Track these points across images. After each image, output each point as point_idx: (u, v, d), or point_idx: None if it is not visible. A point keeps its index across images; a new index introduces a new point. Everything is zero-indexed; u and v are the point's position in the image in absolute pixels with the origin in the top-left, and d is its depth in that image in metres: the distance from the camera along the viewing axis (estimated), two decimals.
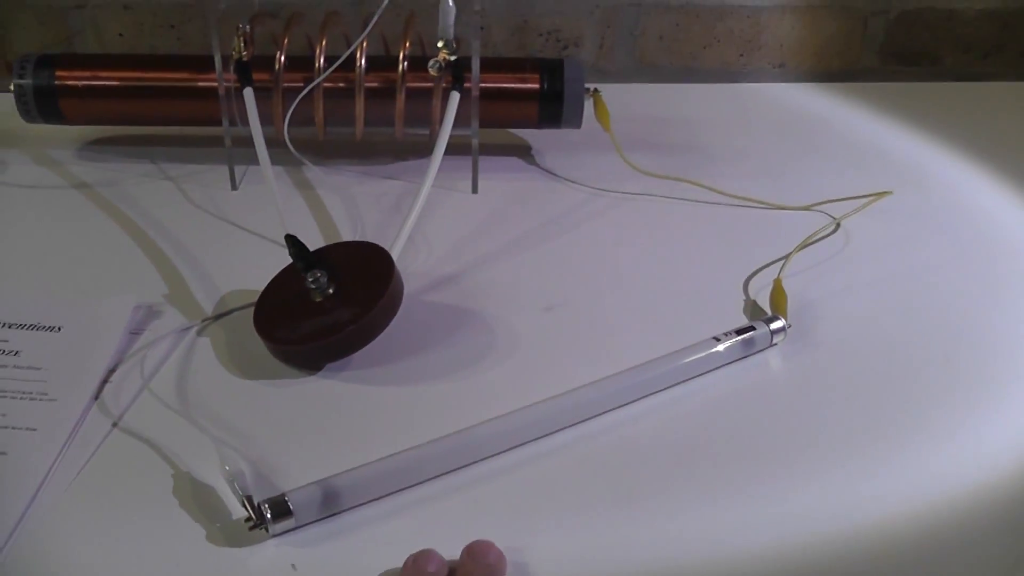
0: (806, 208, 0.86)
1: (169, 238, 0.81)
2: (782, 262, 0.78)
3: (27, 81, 0.88)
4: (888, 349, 0.71)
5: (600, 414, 0.64)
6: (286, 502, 0.55)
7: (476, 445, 0.60)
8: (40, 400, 0.63)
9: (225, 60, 0.84)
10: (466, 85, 0.84)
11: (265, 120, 0.85)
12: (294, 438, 0.62)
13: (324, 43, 0.85)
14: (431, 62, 0.83)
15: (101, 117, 0.92)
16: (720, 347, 0.67)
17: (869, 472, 0.61)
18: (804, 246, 0.81)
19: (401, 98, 0.86)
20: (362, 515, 0.57)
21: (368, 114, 0.87)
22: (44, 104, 0.89)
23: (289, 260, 0.70)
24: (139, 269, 0.77)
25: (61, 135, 0.95)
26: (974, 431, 0.64)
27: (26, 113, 0.89)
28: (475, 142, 0.86)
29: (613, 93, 0.92)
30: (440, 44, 0.82)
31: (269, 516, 0.54)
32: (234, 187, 0.88)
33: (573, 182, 0.91)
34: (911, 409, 0.66)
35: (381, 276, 0.68)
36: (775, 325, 0.70)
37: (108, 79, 0.89)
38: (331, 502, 0.56)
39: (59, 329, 0.69)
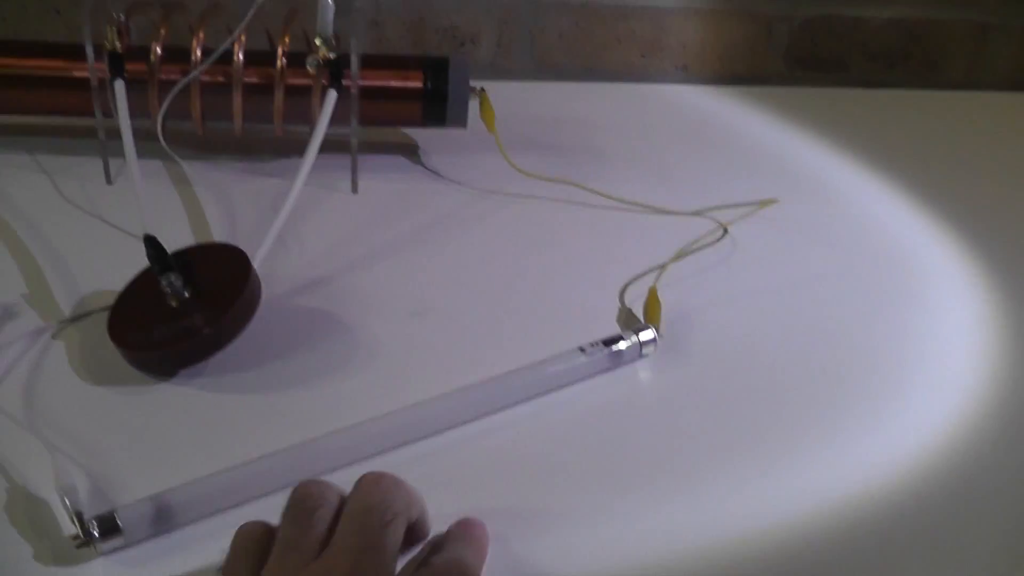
0: (694, 214, 0.86)
1: (36, 234, 0.78)
2: (660, 270, 0.77)
3: None
4: (764, 362, 0.70)
5: (453, 427, 0.62)
6: (115, 518, 0.53)
7: (317, 458, 0.58)
8: None
9: (100, 50, 0.82)
10: (345, 83, 0.82)
11: (144, 113, 0.83)
12: (139, 449, 0.60)
13: (202, 35, 0.83)
14: (308, 59, 0.81)
15: None
16: (584, 358, 0.66)
17: (735, 489, 0.60)
18: (685, 254, 0.80)
19: (279, 95, 0.84)
20: (199, 531, 0.55)
21: (248, 110, 0.85)
22: None
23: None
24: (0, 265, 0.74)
25: None
26: (847, 448, 0.63)
27: None
28: (353, 141, 0.84)
29: (511, 92, 0.91)
30: (318, 41, 0.80)
31: (96, 533, 0.52)
32: (109, 181, 0.86)
33: (458, 183, 0.89)
34: (782, 425, 0.65)
35: (237, 279, 0.66)
36: (644, 336, 0.68)
37: None
38: (164, 518, 0.54)
39: None
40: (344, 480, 0.52)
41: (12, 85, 0.87)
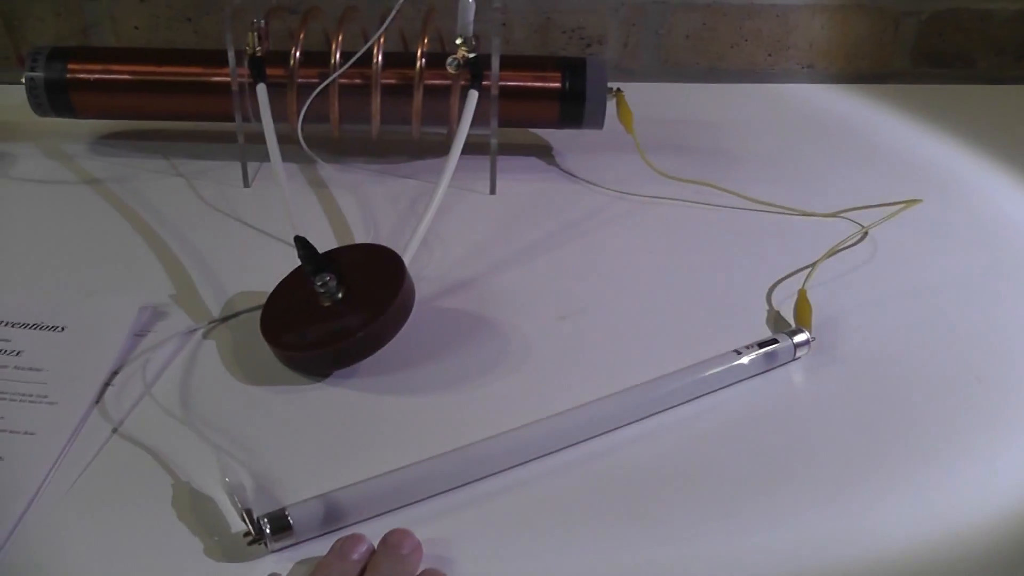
0: (832, 215, 0.84)
1: (178, 236, 0.79)
2: (807, 271, 0.76)
3: (39, 74, 0.86)
4: (916, 366, 0.68)
5: (613, 430, 0.62)
6: (286, 517, 0.53)
7: (483, 461, 0.58)
8: (40, 403, 0.62)
9: (239, 55, 0.83)
10: (485, 83, 0.82)
11: (280, 117, 0.83)
12: (298, 448, 0.60)
13: (340, 38, 0.84)
14: (449, 59, 0.81)
15: (113, 112, 0.90)
16: (741, 360, 0.65)
17: (892, 496, 0.58)
18: (830, 255, 0.78)
19: (418, 96, 0.84)
20: (366, 530, 0.54)
21: (385, 112, 0.85)
22: (55, 97, 0.87)
23: (299, 262, 0.68)
24: (147, 268, 0.76)
25: (72, 129, 0.94)
26: (1008, 456, 0.61)
27: (37, 107, 0.88)
28: (494, 142, 0.84)
29: (637, 93, 0.90)
30: (459, 41, 0.80)
31: (268, 531, 0.52)
32: (246, 184, 0.86)
33: (593, 184, 0.88)
34: (939, 431, 0.63)
35: (392, 281, 0.66)
36: (798, 338, 0.67)
37: (120, 73, 0.88)
38: (333, 517, 0.54)
39: (62, 329, 0.68)
40: (502, 486, 0.53)
41: (150, 91, 0.88)
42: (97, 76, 0.87)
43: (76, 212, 0.83)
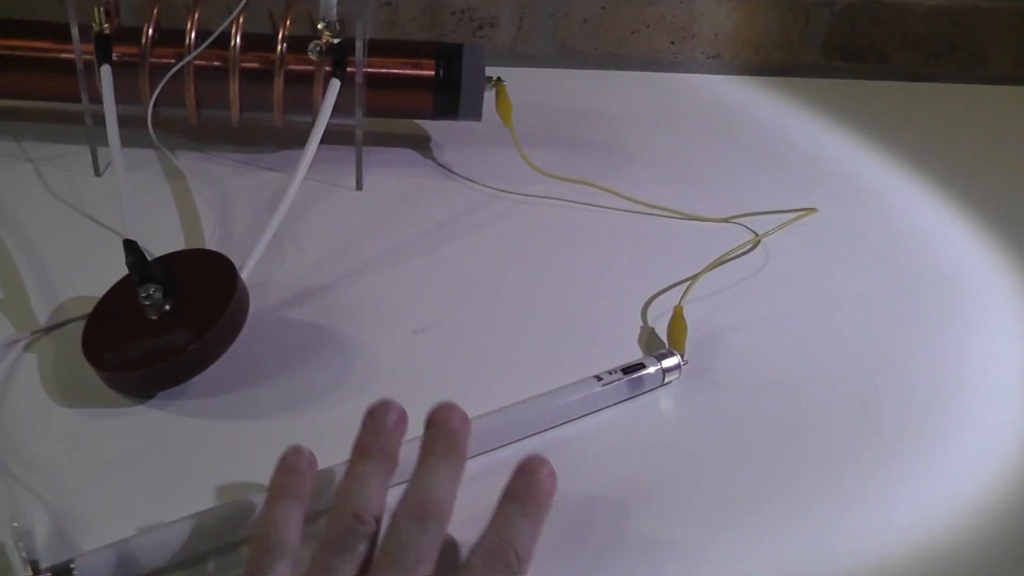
0: (724, 220, 0.79)
1: (16, 231, 0.73)
2: (686, 285, 0.71)
3: None
4: (799, 391, 0.64)
5: None
6: (71, 570, 0.47)
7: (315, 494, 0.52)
8: None
9: (87, 31, 0.76)
10: (350, 71, 0.76)
11: (135, 99, 0.77)
12: (111, 480, 0.55)
13: (197, 16, 0.77)
14: (311, 45, 0.75)
15: None
16: (601, 387, 0.60)
17: (765, 534, 0.54)
18: (714, 267, 0.73)
19: (279, 83, 0.78)
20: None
21: (247, 98, 0.79)
22: None
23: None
24: None
25: None
26: (890, 492, 0.58)
27: None
28: (358, 133, 0.78)
29: (530, 79, 0.85)
30: (321, 25, 0.75)
31: None
32: (97, 173, 0.80)
33: (469, 180, 0.83)
34: (819, 464, 0.59)
35: (222, 292, 0.60)
36: (668, 363, 0.63)
37: None
38: (127, 568, 0.48)
39: None
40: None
41: None
42: None
43: None
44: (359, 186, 0.80)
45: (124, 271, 0.63)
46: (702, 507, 0.56)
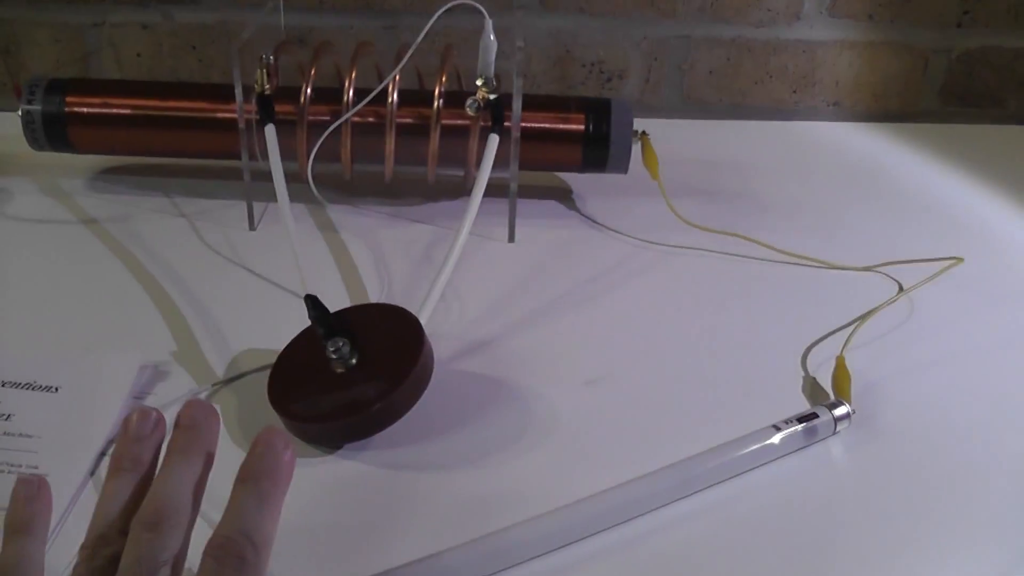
0: (866, 269, 0.80)
1: (180, 284, 0.75)
2: (844, 334, 0.72)
3: (36, 107, 0.82)
4: (961, 440, 0.64)
5: (643, 514, 0.57)
6: None
7: (504, 552, 0.53)
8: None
9: (247, 91, 0.78)
10: (506, 124, 0.78)
11: (289, 155, 0.80)
12: (301, 528, 0.56)
13: (354, 75, 0.79)
14: (469, 101, 0.77)
15: (112, 147, 0.86)
16: (779, 437, 0.61)
17: None
18: (868, 316, 0.74)
19: (435, 137, 0.80)
20: None
21: (399, 153, 0.81)
22: (53, 132, 0.83)
23: (307, 320, 0.64)
24: (146, 320, 0.71)
25: (71, 163, 0.90)
26: None
27: (34, 141, 0.84)
28: (513, 187, 0.80)
29: (657, 129, 0.86)
30: (479, 82, 0.76)
31: None
32: (252, 227, 0.82)
33: (616, 232, 0.84)
34: (990, 509, 0.59)
35: (410, 347, 0.62)
36: (839, 411, 0.63)
37: (120, 107, 0.84)
38: None
39: (56, 390, 0.63)
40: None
41: (151, 126, 0.84)
42: (96, 110, 0.84)
43: (72, 256, 0.79)
44: (511, 238, 0.82)
45: (292, 323, 0.65)
46: (880, 557, 0.56)
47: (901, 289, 0.78)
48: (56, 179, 0.89)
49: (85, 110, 0.83)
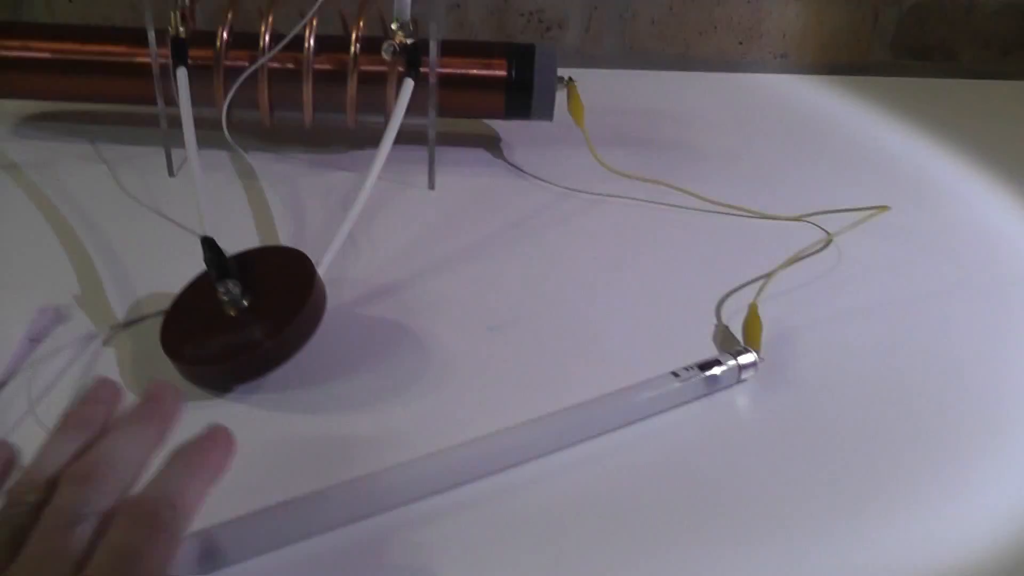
0: (796, 219, 0.79)
1: (93, 230, 0.74)
2: (761, 282, 0.71)
3: None
4: (876, 391, 0.63)
5: (531, 459, 0.56)
6: None
7: (383, 492, 0.52)
8: None
9: (162, 35, 0.77)
10: (423, 71, 0.76)
11: (208, 102, 0.78)
12: None
13: (271, 19, 0.78)
14: (384, 45, 0.76)
15: (34, 92, 0.84)
16: (678, 383, 0.60)
17: (844, 537, 0.53)
18: (788, 264, 0.73)
19: (353, 83, 0.78)
20: (249, 570, 0.49)
21: (320, 100, 0.80)
22: None
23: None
24: (54, 264, 0.70)
25: None
26: (972, 492, 0.56)
27: None
28: (431, 133, 0.78)
29: (599, 80, 0.85)
30: (395, 26, 0.75)
31: None
32: (171, 173, 0.81)
33: (541, 180, 0.83)
34: (898, 464, 0.58)
35: (301, 288, 0.60)
36: (744, 359, 0.62)
37: (40, 51, 0.82)
38: (212, 558, 0.48)
39: None
40: (405, 521, 0.46)
41: (74, 71, 0.82)
42: (15, 53, 0.82)
43: None
44: (431, 185, 0.80)
45: (200, 268, 0.64)
46: (780, 506, 0.55)
47: (829, 237, 0.76)
48: None
49: (5, 53, 0.81)
